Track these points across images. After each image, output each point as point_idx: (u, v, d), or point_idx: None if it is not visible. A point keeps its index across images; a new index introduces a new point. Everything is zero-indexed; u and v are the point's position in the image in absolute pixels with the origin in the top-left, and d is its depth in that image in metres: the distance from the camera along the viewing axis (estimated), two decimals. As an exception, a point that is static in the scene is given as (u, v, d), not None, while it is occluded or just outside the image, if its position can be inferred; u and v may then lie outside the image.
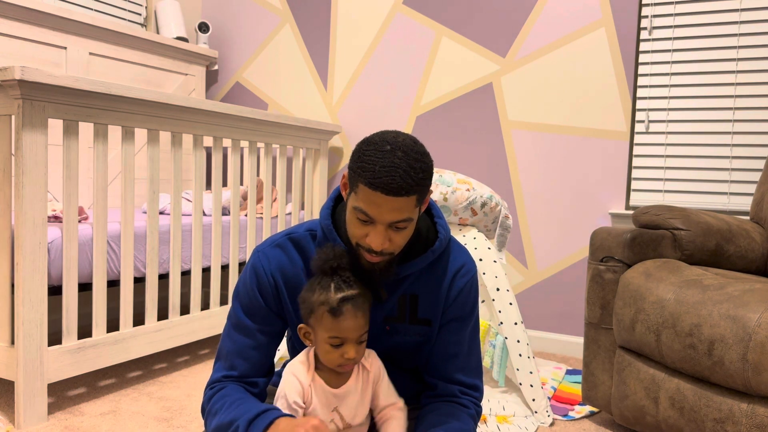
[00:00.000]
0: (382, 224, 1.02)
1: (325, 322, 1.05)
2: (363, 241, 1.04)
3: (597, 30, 2.71)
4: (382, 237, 1.02)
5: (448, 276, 1.17)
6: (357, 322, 1.05)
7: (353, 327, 1.05)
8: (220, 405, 1.10)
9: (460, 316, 1.18)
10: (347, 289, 1.06)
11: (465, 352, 1.19)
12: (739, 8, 2.49)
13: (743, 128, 2.50)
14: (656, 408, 1.65)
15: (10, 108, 1.74)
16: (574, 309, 2.79)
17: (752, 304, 1.45)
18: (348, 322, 1.05)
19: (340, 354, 1.06)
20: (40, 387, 1.80)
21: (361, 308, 1.06)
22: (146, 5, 3.34)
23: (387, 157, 0.99)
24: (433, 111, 3.07)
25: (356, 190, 1.02)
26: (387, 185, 0.97)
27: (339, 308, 1.04)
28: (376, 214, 1.00)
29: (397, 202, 0.99)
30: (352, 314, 1.05)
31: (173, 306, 2.28)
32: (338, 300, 1.04)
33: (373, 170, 0.98)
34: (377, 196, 0.98)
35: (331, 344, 1.06)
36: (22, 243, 1.72)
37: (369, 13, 3.20)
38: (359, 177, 1.00)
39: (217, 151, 2.47)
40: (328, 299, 1.05)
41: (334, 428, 1.10)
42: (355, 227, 1.05)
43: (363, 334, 1.08)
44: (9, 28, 2.53)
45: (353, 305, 1.05)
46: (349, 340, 1.06)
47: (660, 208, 1.95)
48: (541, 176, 2.85)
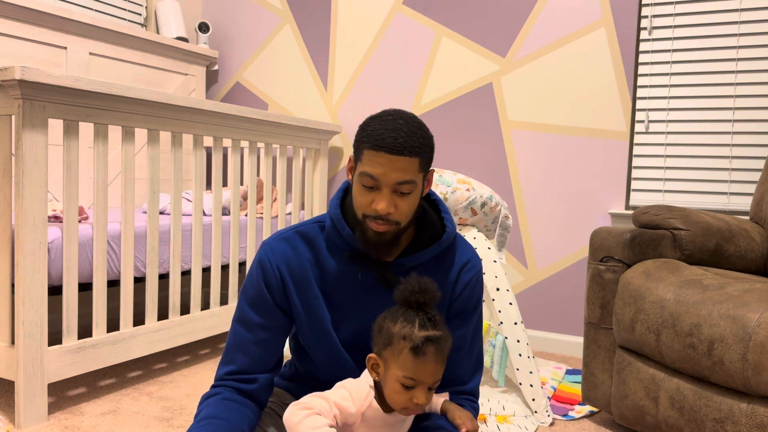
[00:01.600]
0: (387, 187, 1.05)
1: (402, 360, 0.99)
2: (369, 209, 1.07)
3: (597, 30, 2.71)
4: (387, 200, 1.05)
5: (454, 270, 1.18)
6: (437, 366, 1.00)
7: (432, 371, 0.99)
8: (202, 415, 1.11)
9: (465, 311, 1.19)
10: (432, 328, 0.99)
11: (467, 346, 1.21)
12: (739, 8, 2.49)
13: (743, 128, 2.50)
14: (656, 408, 1.65)
15: (10, 108, 1.74)
16: (574, 309, 2.79)
17: (752, 304, 1.45)
18: (428, 366, 0.98)
19: (409, 397, 1.00)
20: (40, 387, 1.80)
21: (443, 352, 1.00)
22: (146, 5, 3.34)
23: (389, 122, 1.05)
24: (433, 111, 3.07)
25: (361, 158, 1.06)
26: (391, 144, 1.03)
27: (422, 348, 0.98)
28: (381, 174, 1.04)
29: (400, 161, 1.04)
30: (433, 357, 0.98)
31: (173, 306, 2.28)
32: (423, 339, 0.98)
33: (376, 133, 1.04)
34: (381, 156, 1.04)
35: (403, 384, 0.99)
36: (22, 243, 1.73)
37: (369, 13, 3.20)
38: (363, 144, 1.06)
39: (217, 151, 2.47)
40: (412, 335, 0.98)
41: None
42: (361, 196, 1.08)
43: (437, 382, 1.02)
44: (9, 28, 2.53)
45: (437, 348, 0.99)
46: (423, 384, 0.99)
47: (660, 208, 1.95)
48: (541, 176, 2.85)
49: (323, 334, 1.16)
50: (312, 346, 1.18)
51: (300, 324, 1.17)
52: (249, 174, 2.61)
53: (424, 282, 1.01)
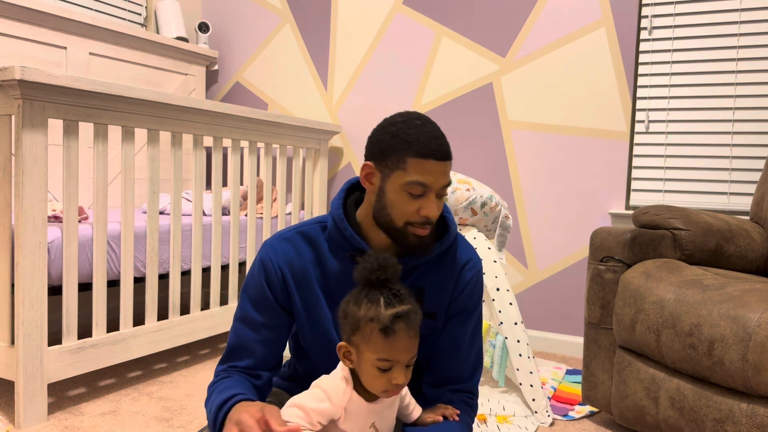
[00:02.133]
0: (434, 192, 1.08)
1: (374, 343, 0.95)
2: (415, 216, 1.08)
3: (597, 30, 2.71)
4: (435, 205, 1.08)
5: (455, 270, 1.19)
6: (410, 342, 0.96)
7: (406, 348, 0.96)
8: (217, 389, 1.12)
9: (465, 310, 1.20)
10: (399, 304, 0.96)
11: (466, 345, 1.21)
12: (739, 8, 2.49)
13: (743, 128, 2.50)
14: (656, 408, 1.65)
15: (10, 108, 1.74)
16: (574, 309, 2.79)
17: (752, 304, 1.45)
18: (400, 344, 0.95)
19: (387, 379, 0.96)
20: (40, 387, 1.80)
21: (414, 326, 0.97)
22: (146, 5, 3.34)
23: (425, 128, 1.07)
24: (433, 111, 3.07)
25: (404, 166, 1.06)
26: (437, 151, 1.06)
27: (392, 326, 0.94)
28: (432, 181, 1.06)
29: (445, 166, 1.07)
30: (405, 333, 0.95)
31: (173, 306, 2.28)
32: (391, 317, 0.94)
33: (419, 141, 1.05)
34: (430, 163, 1.05)
35: (378, 368, 0.96)
36: (22, 243, 1.72)
37: (369, 13, 3.20)
38: (405, 151, 1.06)
39: (217, 151, 2.47)
40: (379, 315, 0.94)
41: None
42: (405, 205, 1.08)
43: (413, 358, 0.98)
44: (9, 28, 2.53)
45: (407, 323, 0.95)
46: (400, 363, 0.96)
47: (660, 208, 1.95)
48: (541, 176, 2.85)
49: (323, 334, 1.16)
50: (311, 346, 1.18)
51: (300, 324, 1.17)
52: (249, 174, 2.61)
53: (382, 258, 0.98)
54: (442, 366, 1.19)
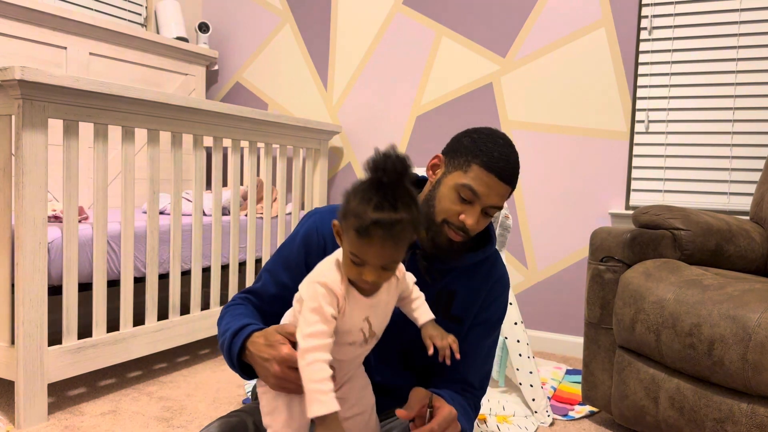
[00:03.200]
0: (482, 205, 1.10)
1: (350, 237, 0.93)
2: (455, 218, 1.10)
3: (597, 30, 2.71)
4: (477, 216, 1.10)
5: (489, 281, 1.22)
6: (383, 251, 0.92)
7: (376, 254, 0.92)
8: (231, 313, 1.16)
9: (489, 321, 1.23)
10: (389, 211, 0.90)
11: (483, 356, 1.23)
12: (739, 8, 2.49)
13: (743, 128, 2.50)
14: (656, 408, 1.65)
15: (10, 108, 1.74)
16: (574, 309, 2.79)
17: (752, 304, 1.45)
18: (373, 249, 0.91)
19: (358, 273, 0.94)
20: (40, 387, 1.80)
21: (394, 237, 0.91)
22: (146, 5, 3.34)
23: (503, 147, 1.11)
24: (433, 111, 3.07)
25: (467, 170, 1.10)
26: (502, 170, 1.09)
27: (368, 230, 0.90)
28: (484, 195, 1.09)
29: (503, 188, 1.10)
30: (379, 242, 0.90)
31: (173, 306, 2.28)
32: (371, 221, 0.89)
33: (491, 155, 1.09)
34: (491, 178, 1.09)
35: (352, 260, 0.94)
36: (22, 243, 1.72)
37: (369, 13, 3.20)
38: (474, 158, 1.10)
39: (217, 151, 2.47)
40: (361, 215, 0.90)
41: (361, 335, 1.01)
42: (452, 204, 1.11)
43: (390, 263, 0.94)
44: (9, 28, 2.53)
45: (385, 232, 0.90)
46: (371, 265, 0.93)
47: (660, 208, 1.95)
48: (541, 176, 2.85)
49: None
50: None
51: None
52: (249, 174, 2.61)
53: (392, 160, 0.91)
54: (454, 370, 1.21)
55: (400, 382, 1.21)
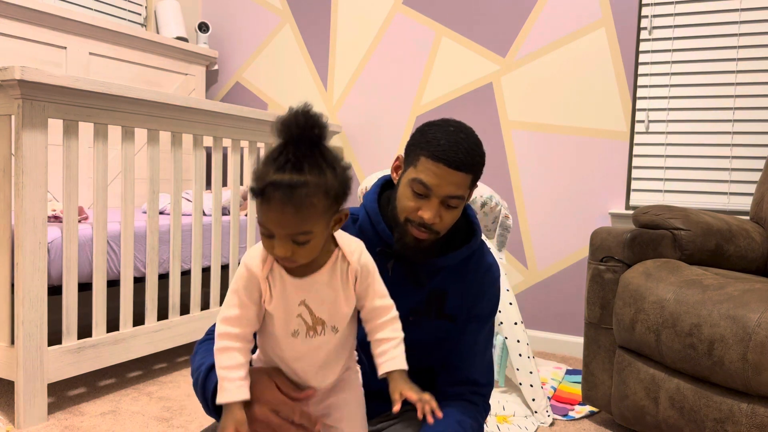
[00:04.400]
0: (438, 197, 1.05)
1: (256, 202, 0.84)
2: (414, 215, 1.07)
3: (597, 30, 2.71)
4: (435, 210, 1.05)
5: (477, 275, 1.19)
6: (284, 217, 0.81)
7: (277, 221, 0.82)
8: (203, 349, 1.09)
9: (482, 315, 1.20)
10: (292, 172, 0.80)
11: (481, 352, 1.21)
12: (739, 8, 2.48)
13: (743, 128, 2.50)
14: (656, 408, 1.65)
15: (10, 108, 1.74)
16: (574, 309, 2.79)
17: (752, 304, 1.45)
18: (272, 214, 0.82)
19: (270, 246, 0.85)
20: (40, 387, 1.80)
21: (294, 202, 0.80)
22: (146, 5, 3.34)
23: (451, 134, 1.05)
24: (433, 111, 3.07)
25: (416, 164, 1.06)
26: (450, 158, 1.03)
27: (264, 192, 0.81)
28: (435, 186, 1.04)
29: (456, 176, 1.04)
30: (278, 206, 0.81)
31: (173, 306, 2.28)
32: (267, 183, 0.80)
33: (438, 144, 1.04)
34: (439, 167, 1.03)
35: (261, 231, 0.84)
36: (22, 243, 1.72)
37: (369, 13, 3.20)
38: (421, 150, 1.05)
39: (217, 151, 2.47)
40: (262, 176, 0.81)
41: (302, 323, 0.91)
42: (408, 200, 1.07)
43: (298, 234, 0.83)
44: (9, 28, 2.53)
45: (284, 195, 0.80)
46: (277, 236, 0.83)
47: (660, 208, 1.95)
48: (541, 176, 2.85)
49: None
50: None
51: None
52: (249, 174, 2.61)
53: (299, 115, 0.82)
54: (459, 370, 1.19)
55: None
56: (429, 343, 1.18)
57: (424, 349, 1.19)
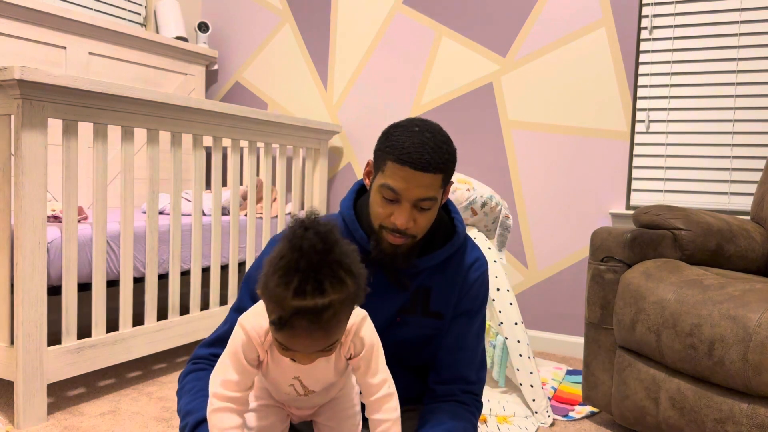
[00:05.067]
0: (408, 201, 1.03)
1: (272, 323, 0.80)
2: (387, 221, 1.05)
3: (597, 30, 2.71)
4: (407, 215, 1.03)
5: (462, 270, 1.18)
6: (313, 341, 0.79)
7: (305, 345, 0.80)
8: (189, 387, 1.08)
9: (470, 310, 1.19)
10: (313, 295, 0.76)
11: (471, 347, 1.20)
12: (739, 8, 2.48)
13: (743, 128, 2.50)
14: (656, 408, 1.65)
15: (9, 108, 1.74)
16: (574, 309, 2.79)
17: (753, 304, 1.45)
18: (300, 340, 0.79)
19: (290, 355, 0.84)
20: (39, 387, 1.80)
21: (323, 326, 0.77)
22: (146, 5, 3.34)
23: (416, 135, 1.02)
24: (433, 111, 3.07)
25: (383, 169, 1.04)
26: (416, 160, 1.00)
27: (290, 321, 0.77)
28: (403, 190, 1.02)
29: (424, 178, 1.01)
30: (306, 333, 0.78)
31: (173, 306, 2.28)
32: (292, 311, 0.76)
33: (402, 146, 1.01)
34: (405, 171, 1.01)
35: (280, 347, 0.83)
36: (21, 243, 1.72)
37: (369, 13, 3.20)
38: (387, 155, 1.03)
39: (216, 151, 2.47)
40: (282, 301, 0.77)
41: (293, 393, 0.93)
42: (380, 207, 1.05)
43: (321, 352, 0.83)
44: (9, 28, 2.53)
45: (311, 322, 0.77)
46: (302, 355, 0.83)
47: (660, 208, 1.95)
48: (541, 176, 2.85)
49: None
50: None
51: None
52: (248, 174, 2.61)
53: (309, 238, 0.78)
54: (448, 366, 1.18)
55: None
56: (418, 341, 1.18)
57: (413, 348, 1.19)
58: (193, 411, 1.02)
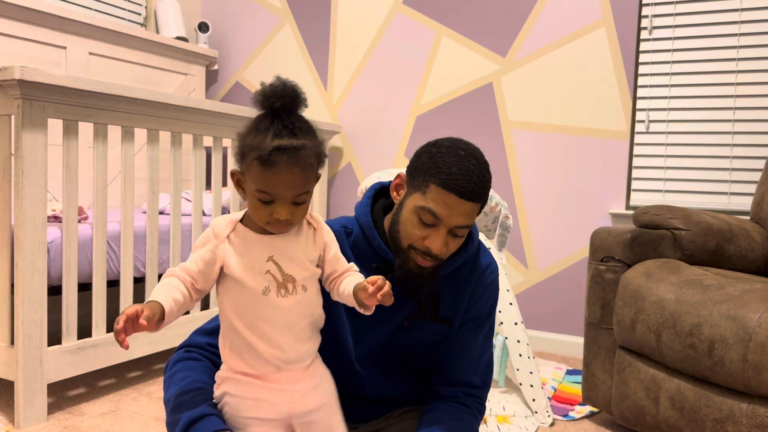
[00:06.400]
0: (446, 227, 1.01)
1: (254, 173, 0.88)
2: (420, 243, 1.03)
3: (597, 30, 2.71)
4: (443, 240, 1.01)
5: (473, 276, 1.16)
6: (292, 178, 0.88)
7: (286, 183, 0.88)
8: (180, 377, 1.06)
9: (479, 316, 1.18)
10: (289, 137, 0.87)
11: (478, 352, 1.19)
12: (739, 8, 2.48)
13: (743, 128, 2.50)
14: (656, 408, 1.65)
15: (9, 108, 1.74)
16: (574, 309, 2.79)
17: (752, 304, 1.45)
18: (280, 177, 0.87)
19: (269, 212, 0.90)
20: (39, 387, 1.80)
21: (300, 163, 0.88)
22: (146, 5, 3.34)
23: (462, 161, 1.00)
24: (433, 111, 3.07)
25: (425, 191, 1.01)
26: (462, 188, 0.99)
27: (270, 158, 0.86)
28: (446, 216, 1.00)
29: (467, 206, 1.00)
30: (287, 168, 0.87)
31: (173, 306, 2.28)
32: (272, 148, 0.86)
33: (449, 172, 0.99)
34: (451, 198, 0.99)
35: (259, 199, 0.89)
36: (21, 243, 1.72)
37: (369, 13, 3.20)
38: (432, 177, 1.01)
39: (217, 151, 2.47)
40: (261, 145, 0.87)
41: (272, 280, 0.93)
42: (414, 228, 1.03)
43: (301, 194, 0.90)
44: (9, 28, 2.53)
45: (290, 157, 0.87)
46: (281, 199, 0.89)
47: (660, 208, 1.95)
48: (541, 176, 2.85)
49: (338, 342, 1.12)
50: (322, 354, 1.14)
51: None
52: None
53: (282, 84, 0.89)
54: (453, 371, 1.17)
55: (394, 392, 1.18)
56: (425, 346, 1.17)
57: (420, 353, 1.18)
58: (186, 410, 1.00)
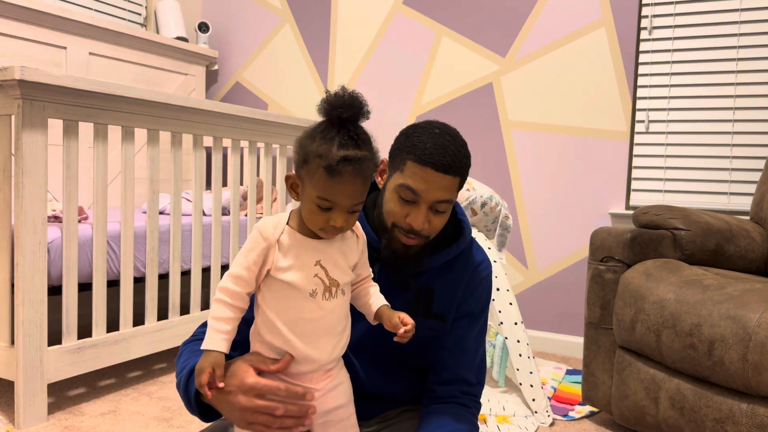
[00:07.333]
0: (426, 203, 1.03)
1: (317, 179, 0.90)
2: (402, 221, 1.05)
3: (597, 30, 2.71)
4: (423, 216, 1.04)
5: (466, 272, 1.17)
6: (355, 188, 0.91)
7: (349, 193, 0.91)
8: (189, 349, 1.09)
9: (472, 313, 1.19)
10: (354, 148, 0.90)
11: (472, 349, 1.20)
12: (739, 8, 2.48)
13: (743, 128, 2.50)
14: (656, 408, 1.65)
15: (10, 108, 1.74)
16: (574, 309, 2.79)
17: (752, 304, 1.45)
18: (344, 186, 0.90)
19: (326, 219, 0.92)
20: (40, 387, 1.80)
21: (363, 174, 0.91)
22: (146, 5, 3.34)
23: (437, 137, 1.04)
24: (433, 111, 3.07)
25: (402, 168, 1.04)
26: (437, 162, 1.01)
27: (337, 168, 0.88)
28: (423, 191, 1.02)
29: (444, 180, 1.02)
30: (351, 178, 0.89)
31: (173, 306, 2.28)
32: (339, 158, 0.88)
33: (424, 147, 1.02)
34: (426, 171, 1.01)
35: (318, 205, 0.91)
36: (22, 243, 1.72)
37: (369, 13, 3.20)
38: (408, 154, 1.04)
39: (217, 151, 2.47)
40: (328, 153, 0.89)
41: (320, 283, 0.96)
42: (395, 206, 1.05)
43: (358, 204, 0.93)
44: (9, 28, 2.53)
45: (355, 168, 0.89)
46: (340, 207, 0.91)
47: (660, 208, 1.95)
48: (541, 176, 2.85)
49: None
50: None
51: None
52: (249, 174, 2.61)
53: (349, 95, 0.91)
54: (448, 368, 1.18)
55: (393, 390, 1.19)
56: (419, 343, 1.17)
57: (414, 350, 1.18)
58: (188, 364, 1.02)
